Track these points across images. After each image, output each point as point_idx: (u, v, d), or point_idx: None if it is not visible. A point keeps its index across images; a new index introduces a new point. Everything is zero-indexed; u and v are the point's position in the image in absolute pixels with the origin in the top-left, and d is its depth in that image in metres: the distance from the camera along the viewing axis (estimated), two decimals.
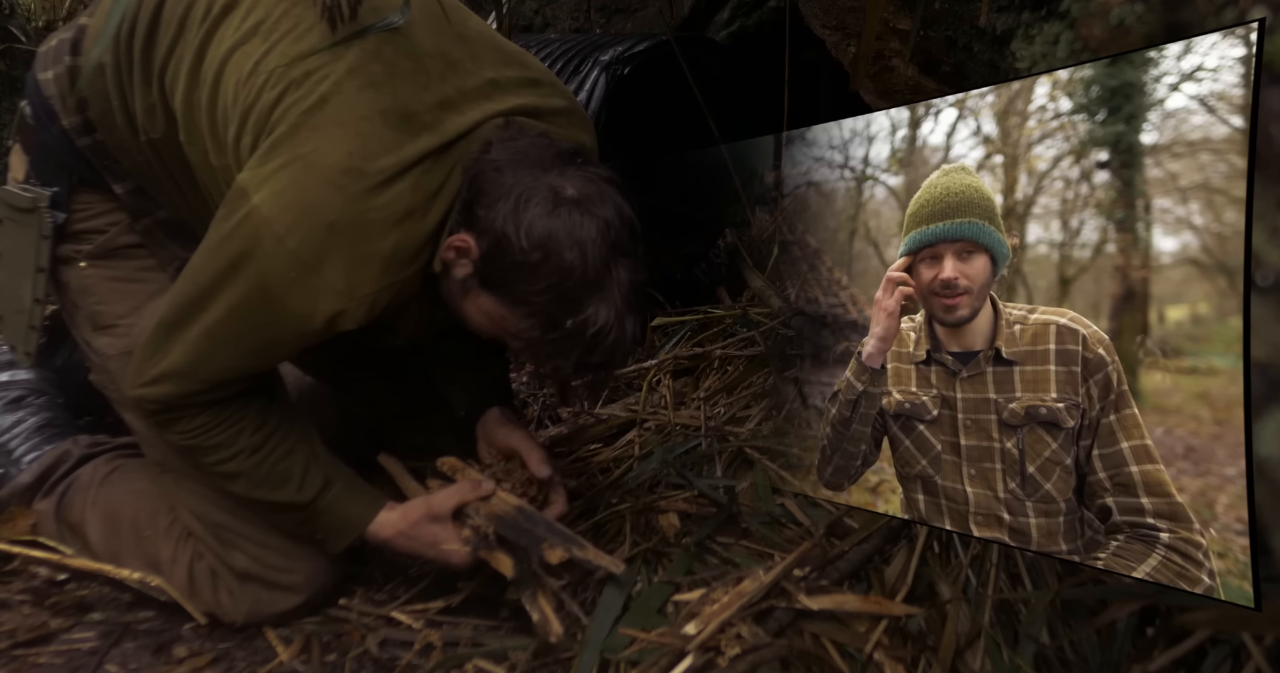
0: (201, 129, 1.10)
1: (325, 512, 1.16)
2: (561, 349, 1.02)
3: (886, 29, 1.35)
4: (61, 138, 1.21)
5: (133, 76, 1.15)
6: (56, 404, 1.50)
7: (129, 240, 1.26)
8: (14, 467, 1.40)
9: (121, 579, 1.29)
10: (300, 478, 1.14)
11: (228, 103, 1.06)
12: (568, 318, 1.00)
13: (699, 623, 1.08)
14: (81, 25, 1.21)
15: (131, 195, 1.24)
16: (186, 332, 1.05)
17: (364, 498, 1.19)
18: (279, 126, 1.01)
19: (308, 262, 0.99)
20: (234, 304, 1.02)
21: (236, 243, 1.00)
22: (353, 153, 0.98)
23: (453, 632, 1.22)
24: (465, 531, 1.17)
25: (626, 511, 1.40)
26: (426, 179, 1.02)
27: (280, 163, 0.99)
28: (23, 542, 1.36)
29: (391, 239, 1.01)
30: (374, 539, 1.19)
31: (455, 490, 1.18)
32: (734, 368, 1.84)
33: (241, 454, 1.12)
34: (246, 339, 1.05)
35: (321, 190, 0.98)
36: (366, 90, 1.01)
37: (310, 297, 1.00)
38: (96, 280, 1.25)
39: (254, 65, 1.04)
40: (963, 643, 1.02)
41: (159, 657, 1.21)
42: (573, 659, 1.10)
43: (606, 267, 1.00)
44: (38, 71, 1.21)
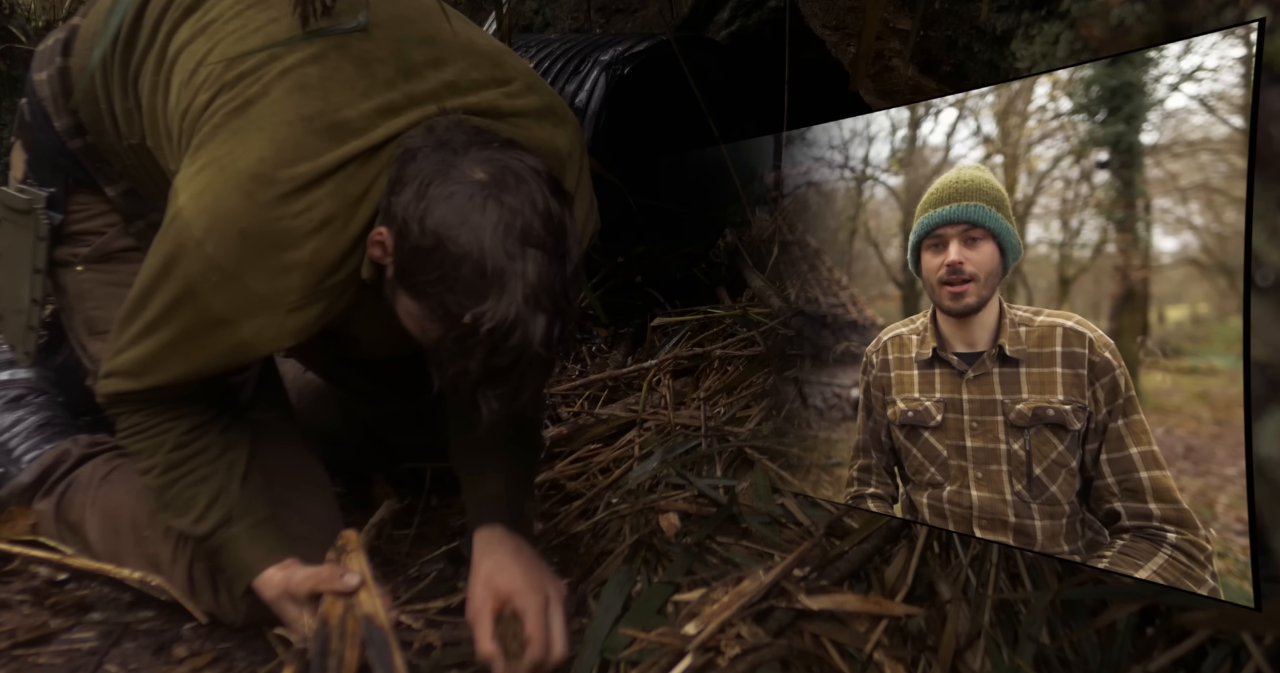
0: (160, 132, 1.09)
1: (220, 551, 1.11)
2: (462, 349, 0.90)
3: (886, 29, 1.35)
4: (55, 139, 1.20)
5: (112, 82, 1.15)
6: (56, 403, 1.50)
7: (125, 244, 1.26)
8: (14, 466, 1.40)
9: (122, 579, 1.29)
10: (203, 509, 1.09)
11: (172, 104, 1.05)
12: (464, 312, 0.88)
13: (699, 623, 1.08)
14: (74, 26, 1.21)
15: (124, 197, 1.24)
16: (131, 329, 1.03)
17: (262, 548, 1.10)
18: (204, 128, 0.99)
19: (226, 268, 0.95)
20: (166, 305, 0.99)
21: (166, 244, 0.98)
22: (264, 159, 0.95)
23: (453, 632, 1.22)
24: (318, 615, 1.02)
25: (626, 510, 1.40)
26: (349, 184, 0.97)
27: (201, 165, 0.97)
28: (23, 542, 1.36)
29: (310, 247, 0.95)
30: (263, 596, 1.10)
31: (314, 574, 1.05)
32: (734, 368, 1.84)
33: (155, 469, 1.09)
34: (180, 343, 1.01)
35: (232, 197, 0.95)
36: (294, 94, 0.97)
37: (234, 303, 0.97)
38: (93, 285, 1.25)
39: (194, 67, 1.03)
40: (963, 643, 1.02)
41: (159, 657, 1.21)
42: (573, 659, 1.10)
43: (509, 257, 0.88)
44: (34, 72, 1.21)
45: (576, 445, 1.68)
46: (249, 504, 1.12)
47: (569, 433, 1.70)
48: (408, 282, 0.93)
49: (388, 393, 1.45)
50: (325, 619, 1.01)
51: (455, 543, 1.42)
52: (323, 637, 0.99)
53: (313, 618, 1.03)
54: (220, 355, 1.02)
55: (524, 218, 0.90)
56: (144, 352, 1.02)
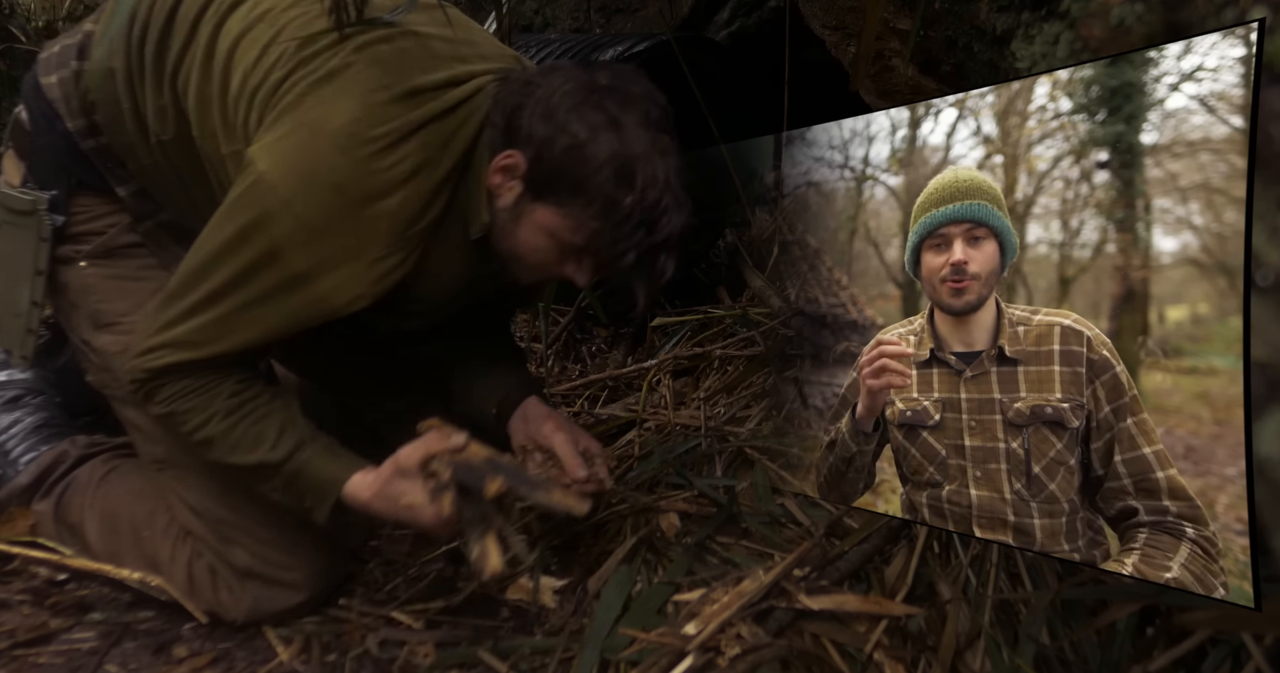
0: (214, 120, 1.12)
1: (300, 472, 1.12)
2: (626, 234, 1.02)
3: (886, 29, 1.35)
4: (64, 141, 1.21)
5: (144, 80, 1.17)
6: (54, 404, 1.50)
7: (128, 240, 1.27)
8: (10, 468, 1.40)
9: (121, 579, 1.29)
10: (274, 438, 1.11)
11: (236, 88, 1.09)
12: (625, 195, 1.01)
13: (699, 623, 1.08)
14: (88, 31, 1.23)
15: (135, 197, 1.25)
16: (193, 300, 1.06)
17: (341, 460, 1.14)
18: (286, 98, 1.04)
19: (315, 225, 1.01)
20: (241, 270, 1.03)
21: (245, 209, 1.03)
22: (358, 120, 1.02)
23: (453, 632, 1.22)
24: (430, 482, 1.10)
25: (626, 510, 1.40)
26: (433, 139, 1.06)
27: (286, 130, 1.03)
28: (22, 543, 1.36)
29: (398, 197, 1.04)
30: (353, 503, 1.13)
31: (421, 443, 1.12)
32: (734, 368, 1.84)
33: (216, 417, 1.10)
34: (254, 309, 1.05)
35: (327, 155, 1.01)
36: (374, 66, 1.05)
37: (318, 260, 1.02)
38: (97, 279, 1.26)
39: (262, 49, 1.08)
40: (963, 643, 1.02)
41: (159, 657, 1.21)
42: (573, 659, 1.10)
43: (650, 143, 1.03)
44: (40, 76, 1.22)
45: None
46: (314, 431, 1.15)
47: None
48: (551, 192, 1.04)
49: (380, 389, 1.46)
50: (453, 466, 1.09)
51: (455, 543, 1.42)
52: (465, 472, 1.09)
53: (429, 484, 1.09)
54: (296, 315, 1.06)
55: (652, 108, 1.04)
56: (207, 319, 1.05)
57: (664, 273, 1.07)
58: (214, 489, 1.23)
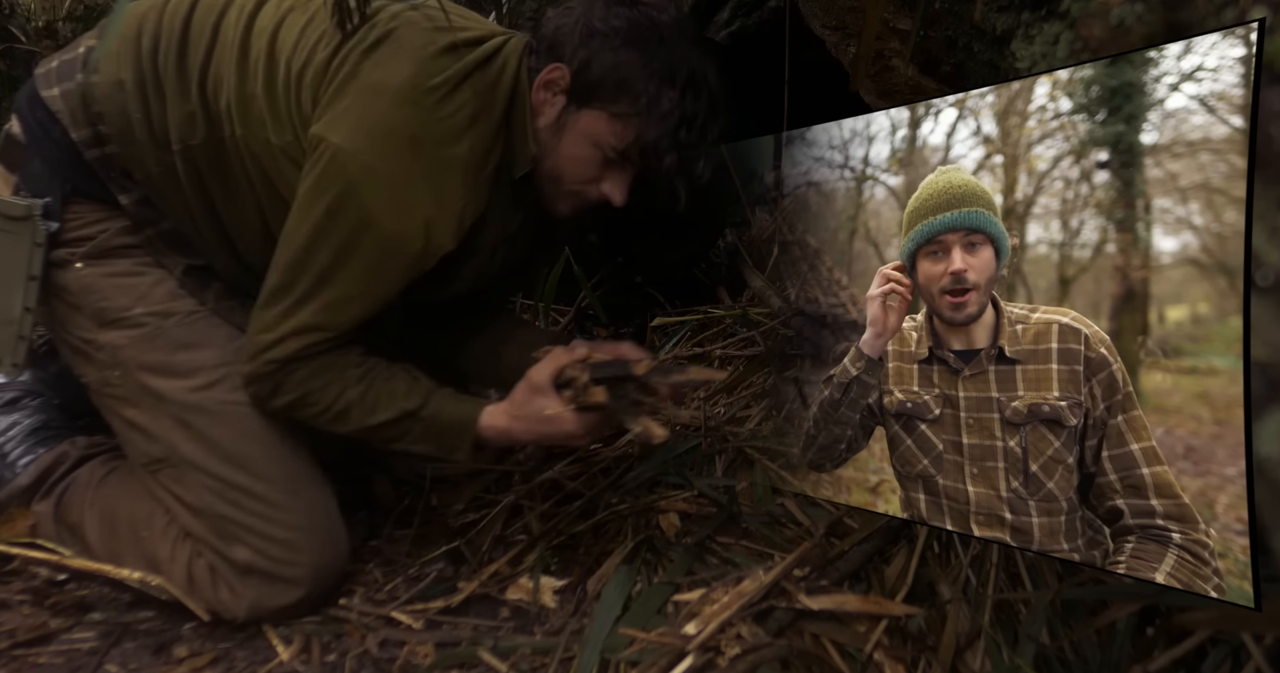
0: (260, 116, 1.17)
1: (437, 415, 1.19)
2: (669, 131, 1.10)
3: (886, 29, 1.34)
4: (65, 151, 1.23)
5: (163, 90, 1.20)
6: (52, 406, 1.50)
7: (123, 242, 1.27)
8: (8, 470, 1.40)
9: (121, 579, 1.29)
10: (405, 391, 1.18)
11: (283, 77, 1.14)
12: (669, 92, 1.09)
13: (699, 623, 1.08)
14: (90, 46, 1.26)
15: (137, 205, 1.26)
16: (304, 287, 1.12)
17: (465, 401, 1.21)
18: (341, 71, 1.11)
19: (398, 180, 1.08)
20: (342, 245, 1.09)
21: (330, 185, 1.08)
22: (415, 73, 1.09)
23: (453, 632, 1.22)
24: (567, 392, 1.17)
25: (626, 510, 1.40)
26: (482, 85, 1.14)
27: (350, 100, 1.09)
28: (22, 543, 1.36)
29: (467, 143, 1.11)
30: (492, 432, 1.20)
31: (548, 360, 1.20)
32: (734, 368, 1.84)
33: (350, 386, 1.17)
34: (363, 277, 1.12)
35: (398, 110, 1.08)
36: (412, 28, 1.14)
37: (407, 213, 1.09)
38: (95, 279, 1.26)
39: (300, 33, 1.16)
40: (963, 643, 1.02)
41: (159, 657, 1.21)
42: (573, 660, 1.10)
43: (691, 47, 1.11)
44: (40, 89, 1.24)
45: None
46: (429, 380, 1.22)
47: None
48: (596, 97, 1.12)
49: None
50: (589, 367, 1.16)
51: (455, 543, 1.42)
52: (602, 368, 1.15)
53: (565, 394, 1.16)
54: (402, 275, 1.14)
55: (680, 16, 1.13)
56: (325, 301, 1.12)
57: (703, 175, 1.15)
58: (213, 487, 1.23)
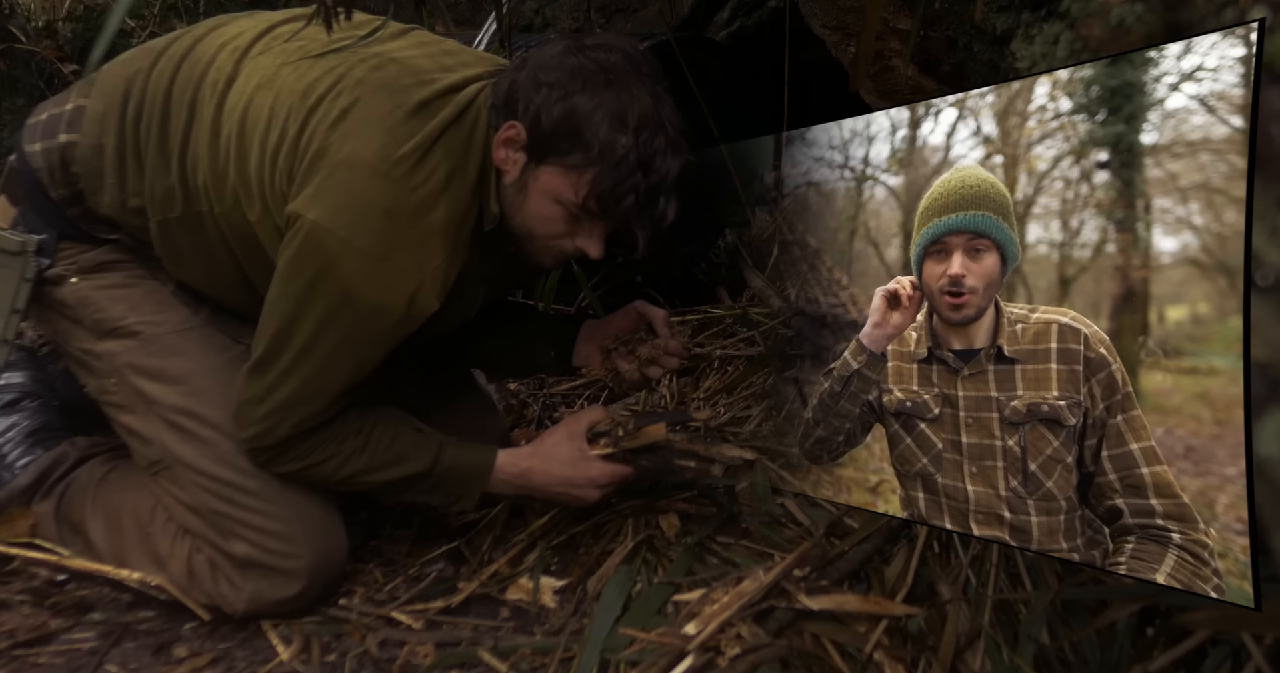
0: (234, 192, 1.16)
1: (448, 471, 1.22)
2: (624, 176, 1.06)
3: (886, 29, 1.34)
4: (50, 205, 1.25)
5: (142, 161, 1.21)
6: (51, 408, 1.51)
7: (115, 257, 1.29)
8: (6, 471, 1.41)
9: (121, 580, 1.29)
10: (413, 452, 1.21)
11: (256, 158, 1.13)
12: (620, 137, 1.05)
13: (699, 623, 1.08)
14: (79, 106, 1.25)
15: (129, 238, 1.28)
16: (286, 361, 1.12)
17: (477, 449, 1.25)
18: (310, 148, 1.09)
19: (376, 253, 1.06)
20: (323, 318, 1.09)
21: (307, 261, 1.07)
22: (385, 144, 1.08)
23: (453, 632, 1.22)
24: (603, 440, 1.23)
25: (627, 510, 1.40)
26: (453, 142, 1.11)
27: (323, 177, 1.08)
28: (21, 543, 1.36)
29: (443, 206, 1.10)
30: (507, 476, 1.24)
31: (587, 413, 1.26)
32: (734, 368, 1.84)
33: (353, 455, 1.19)
34: (346, 348, 1.11)
35: (370, 183, 1.06)
36: (378, 93, 1.11)
37: (388, 285, 1.08)
38: (90, 291, 1.28)
39: (269, 112, 1.13)
40: (963, 643, 1.02)
41: (159, 657, 1.21)
42: (573, 660, 1.10)
43: (641, 88, 1.08)
44: (24, 143, 1.25)
45: None
46: (437, 434, 1.25)
47: None
48: (552, 151, 1.08)
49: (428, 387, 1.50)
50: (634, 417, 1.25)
51: (455, 543, 1.42)
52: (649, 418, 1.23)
53: (602, 442, 1.23)
54: (385, 344, 1.13)
55: (636, 59, 1.09)
56: (308, 374, 1.12)
57: (665, 217, 1.11)
58: (207, 486, 1.24)
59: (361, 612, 1.28)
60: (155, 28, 3.07)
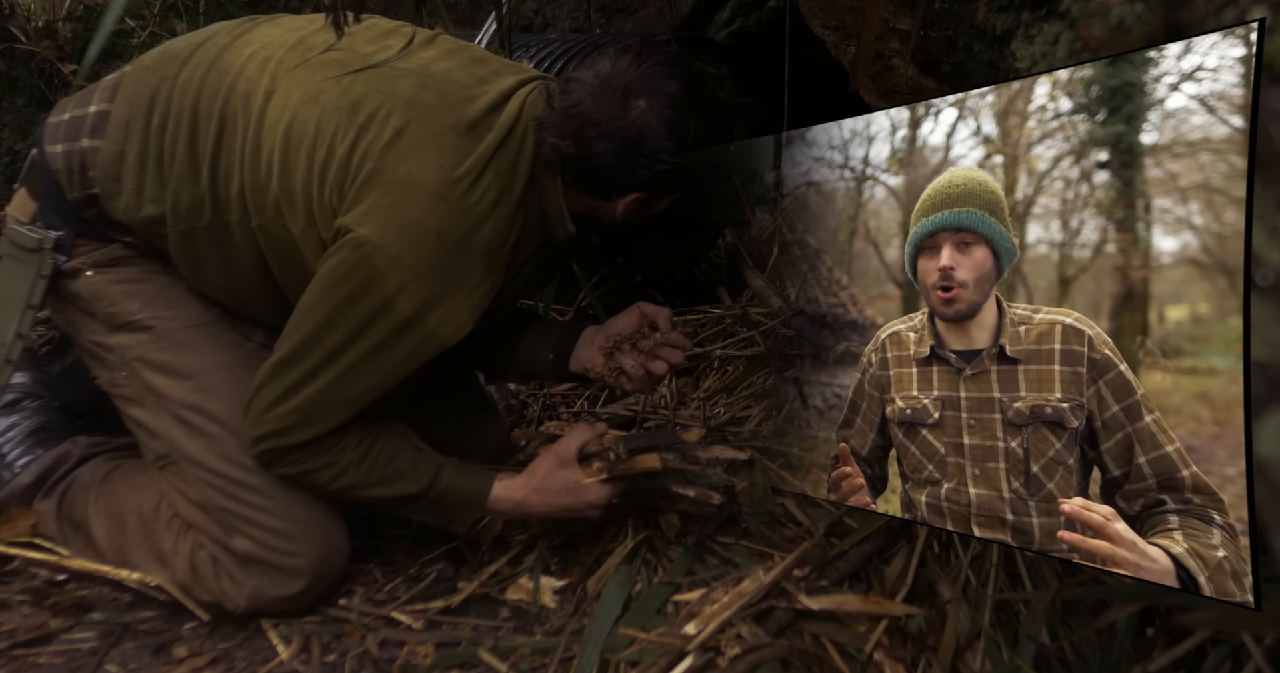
0: (276, 205, 1.17)
1: (445, 493, 1.22)
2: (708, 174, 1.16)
3: (886, 29, 1.34)
4: (67, 205, 1.25)
5: (163, 169, 1.21)
6: (51, 408, 1.51)
7: (131, 252, 1.30)
8: (6, 470, 1.41)
9: (120, 580, 1.29)
10: (410, 471, 1.21)
11: (300, 170, 1.14)
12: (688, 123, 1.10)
13: (699, 623, 1.08)
14: (103, 111, 1.25)
15: (143, 240, 1.29)
16: (310, 365, 1.12)
17: (476, 474, 1.25)
18: (364, 167, 1.11)
19: (423, 272, 1.09)
20: (358, 327, 1.11)
21: (351, 274, 1.09)
22: (442, 166, 1.11)
23: (453, 632, 1.22)
24: (595, 463, 1.22)
25: (627, 510, 1.40)
26: (503, 163, 1.15)
27: (377, 195, 1.10)
28: (21, 543, 1.36)
29: (489, 227, 1.13)
30: (503, 505, 1.24)
31: (574, 435, 1.25)
32: (734, 368, 1.84)
33: (350, 468, 1.18)
34: (374, 360, 1.13)
35: (427, 205, 1.09)
36: (430, 113, 1.14)
37: (428, 304, 1.10)
38: (104, 285, 1.28)
39: (315, 128, 1.15)
40: (963, 643, 1.02)
41: (159, 657, 1.21)
42: (573, 660, 1.10)
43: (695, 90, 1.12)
44: (45, 143, 1.25)
45: None
46: (437, 454, 1.25)
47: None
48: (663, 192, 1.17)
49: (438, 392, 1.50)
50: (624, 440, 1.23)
51: (455, 543, 1.42)
52: (640, 439, 1.23)
53: (595, 465, 1.22)
54: (411, 357, 1.14)
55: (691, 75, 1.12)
56: (331, 380, 1.13)
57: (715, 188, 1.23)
58: (211, 481, 1.25)
59: (361, 612, 1.28)
60: (155, 28, 3.06)
